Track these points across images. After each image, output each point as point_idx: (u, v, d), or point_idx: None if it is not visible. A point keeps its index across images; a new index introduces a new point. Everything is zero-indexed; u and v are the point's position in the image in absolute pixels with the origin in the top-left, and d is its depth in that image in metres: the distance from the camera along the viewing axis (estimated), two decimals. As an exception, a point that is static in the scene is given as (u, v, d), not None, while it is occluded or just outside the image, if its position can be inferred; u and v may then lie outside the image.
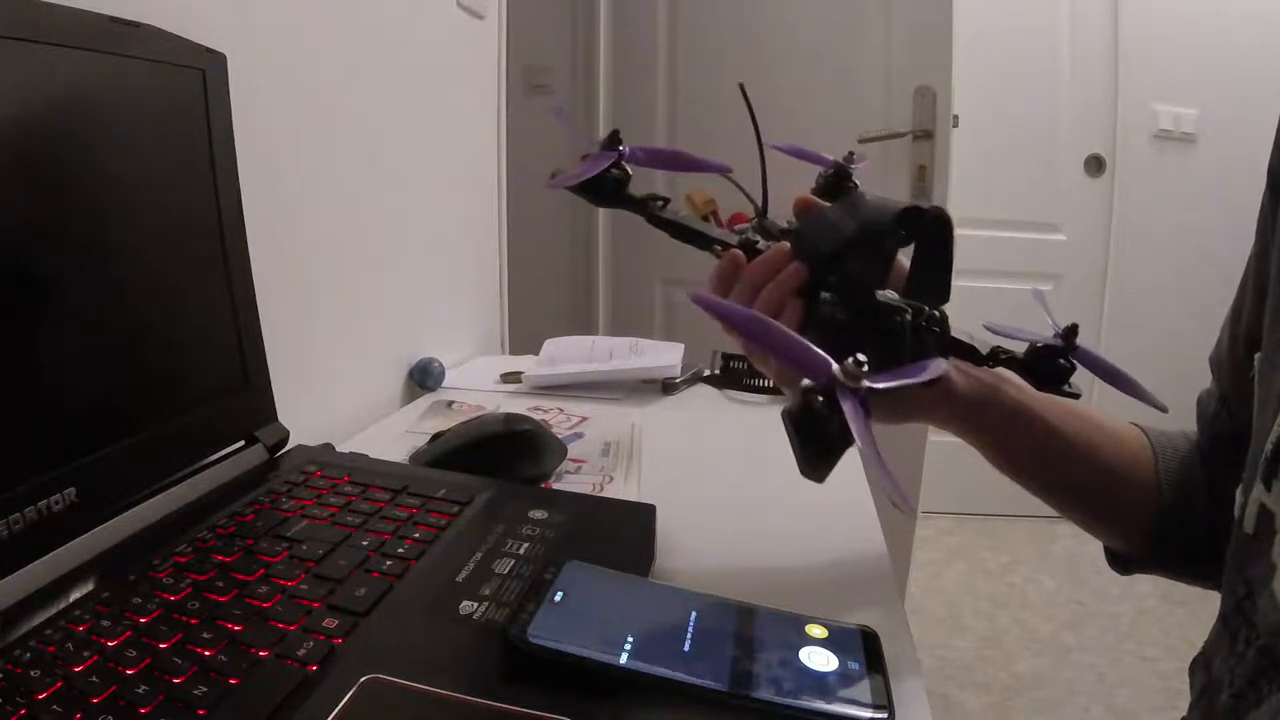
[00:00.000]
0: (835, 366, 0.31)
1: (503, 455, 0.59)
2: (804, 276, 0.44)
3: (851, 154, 0.49)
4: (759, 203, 0.50)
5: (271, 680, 0.32)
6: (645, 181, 0.50)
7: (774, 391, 0.86)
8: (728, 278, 0.47)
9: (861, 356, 0.31)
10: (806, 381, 0.31)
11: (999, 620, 1.88)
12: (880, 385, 0.31)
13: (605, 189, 0.49)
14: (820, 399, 0.31)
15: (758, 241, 0.48)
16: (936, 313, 0.41)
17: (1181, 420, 0.53)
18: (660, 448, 0.70)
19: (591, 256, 1.93)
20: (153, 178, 0.48)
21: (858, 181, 0.48)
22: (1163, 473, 0.51)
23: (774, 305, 0.44)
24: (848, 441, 0.31)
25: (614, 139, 0.48)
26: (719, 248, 0.48)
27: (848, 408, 0.30)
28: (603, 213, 1.91)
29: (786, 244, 0.46)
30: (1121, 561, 0.55)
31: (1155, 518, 0.50)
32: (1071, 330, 0.43)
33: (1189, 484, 0.50)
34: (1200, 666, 0.44)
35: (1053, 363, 0.44)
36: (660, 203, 0.50)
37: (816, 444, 0.31)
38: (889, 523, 0.54)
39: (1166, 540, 0.51)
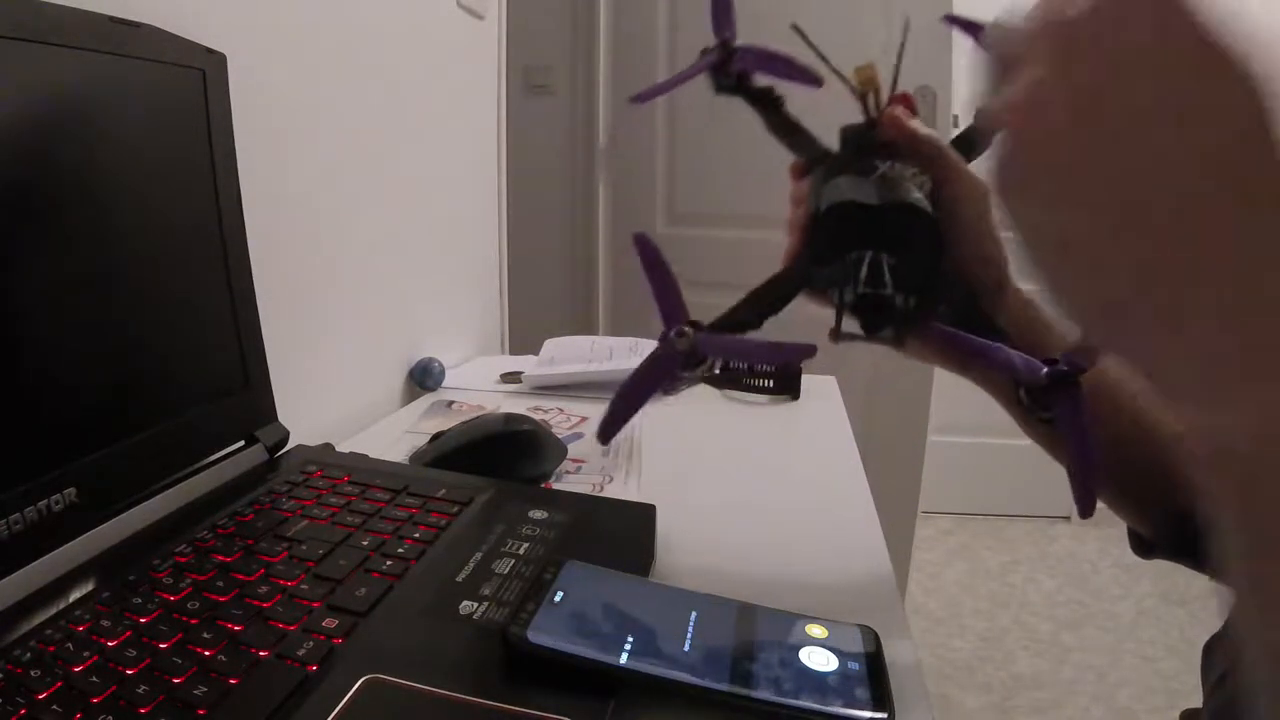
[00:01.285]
0: (676, 327, 0.35)
1: (503, 455, 0.59)
2: (805, 221, 0.43)
3: None
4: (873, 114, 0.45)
5: (271, 680, 0.32)
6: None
7: (774, 391, 0.86)
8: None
9: (687, 328, 0.35)
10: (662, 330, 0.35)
11: (999, 620, 1.88)
12: (709, 357, 0.35)
13: (725, 77, 0.47)
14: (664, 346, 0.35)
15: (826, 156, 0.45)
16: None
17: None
18: (660, 448, 0.70)
19: (591, 256, 1.93)
20: (153, 178, 0.48)
21: None
22: None
23: (794, 231, 0.44)
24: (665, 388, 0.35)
25: (726, 45, 0.47)
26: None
27: (652, 359, 0.35)
28: (603, 213, 1.91)
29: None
30: (1144, 546, 0.55)
31: (1183, 503, 0.50)
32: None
33: None
34: (1222, 648, 0.44)
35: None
36: (778, 99, 0.47)
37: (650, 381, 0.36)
38: (889, 523, 0.54)
39: (1192, 527, 0.50)
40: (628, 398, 0.36)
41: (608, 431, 0.36)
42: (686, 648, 0.34)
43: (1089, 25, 0.20)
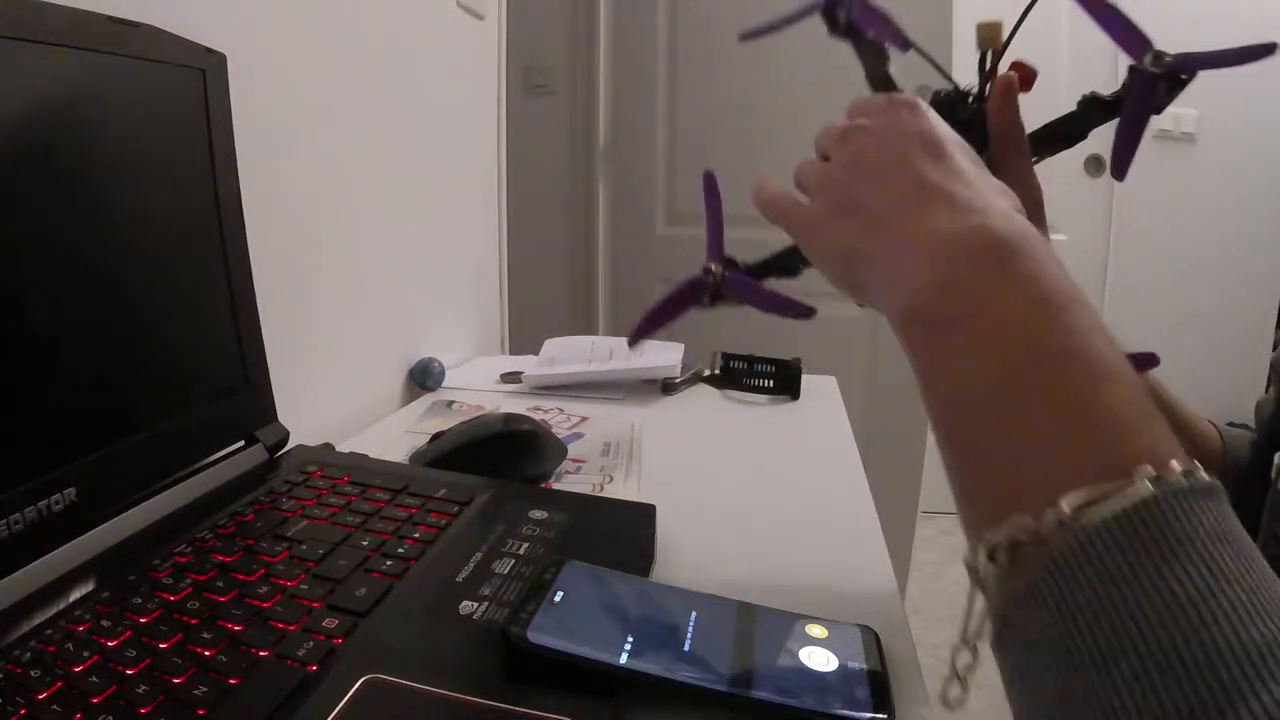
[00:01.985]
0: (712, 263, 0.43)
1: (503, 455, 0.59)
2: None
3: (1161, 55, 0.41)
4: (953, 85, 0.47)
5: (271, 680, 0.32)
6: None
7: (774, 391, 0.86)
8: None
9: (715, 266, 0.42)
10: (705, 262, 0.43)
11: (999, 620, 1.88)
12: (734, 280, 0.42)
13: (835, 24, 0.48)
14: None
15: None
16: None
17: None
18: (660, 448, 0.70)
19: (591, 256, 1.93)
20: (153, 178, 0.48)
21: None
22: (1230, 470, 0.50)
23: None
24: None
25: None
26: None
27: (688, 283, 0.43)
28: (603, 213, 1.91)
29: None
30: None
31: None
32: None
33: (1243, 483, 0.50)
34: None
35: None
36: (885, 51, 0.47)
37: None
38: (889, 523, 0.54)
39: None
40: (659, 313, 0.43)
41: (635, 339, 0.44)
42: (686, 648, 0.34)
43: (863, 124, 0.36)
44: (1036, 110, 0.46)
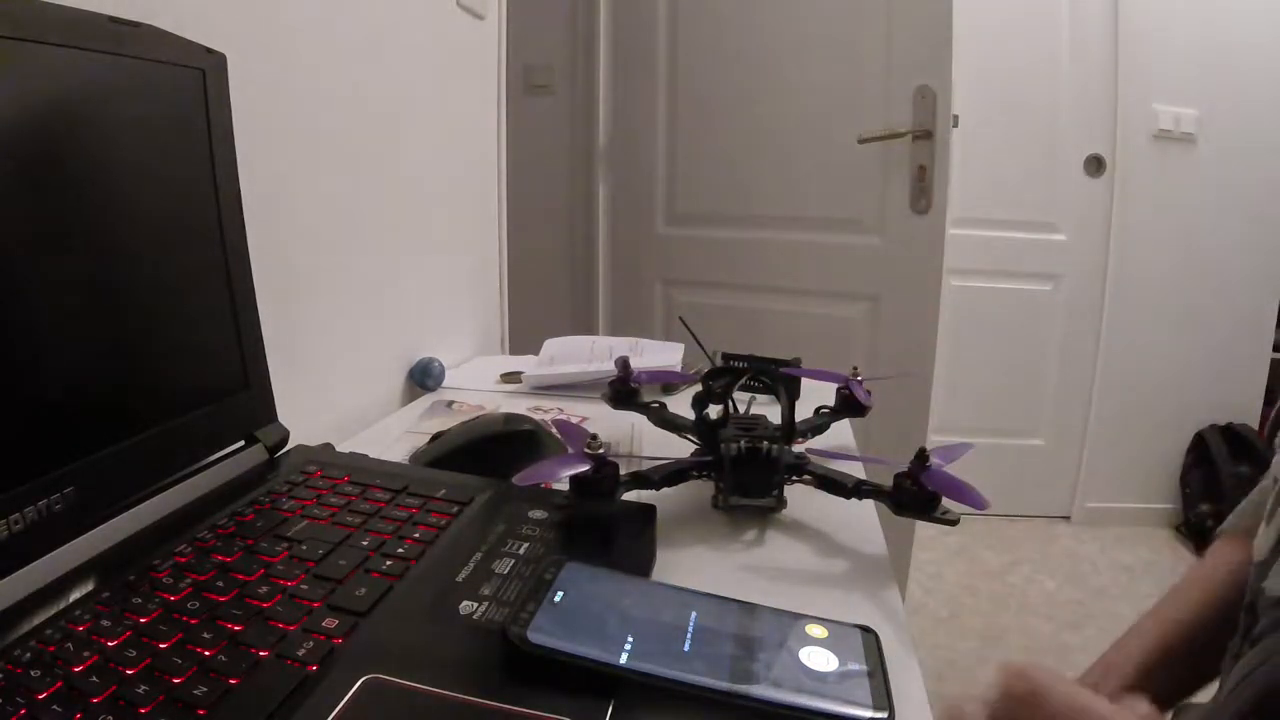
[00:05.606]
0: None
1: (503, 455, 0.59)
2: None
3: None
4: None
5: (271, 680, 0.32)
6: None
7: (774, 391, 0.85)
8: None
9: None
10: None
11: (999, 620, 1.88)
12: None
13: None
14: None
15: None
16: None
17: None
18: (660, 448, 0.70)
19: (591, 256, 1.93)
20: (153, 178, 0.48)
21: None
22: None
23: None
24: None
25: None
26: None
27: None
28: (602, 213, 1.91)
29: None
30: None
31: None
32: (920, 455, 0.47)
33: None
34: (1230, 655, 0.47)
35: (912, 492, 0.47)
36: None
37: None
38: (889, 523, 0.54)
39: None
40: (542, 472, 0.47)
41: (521, 482, 0.47)
42: (686, 648, 0.34)
43: None
44: (1038, 104, 0.46)
